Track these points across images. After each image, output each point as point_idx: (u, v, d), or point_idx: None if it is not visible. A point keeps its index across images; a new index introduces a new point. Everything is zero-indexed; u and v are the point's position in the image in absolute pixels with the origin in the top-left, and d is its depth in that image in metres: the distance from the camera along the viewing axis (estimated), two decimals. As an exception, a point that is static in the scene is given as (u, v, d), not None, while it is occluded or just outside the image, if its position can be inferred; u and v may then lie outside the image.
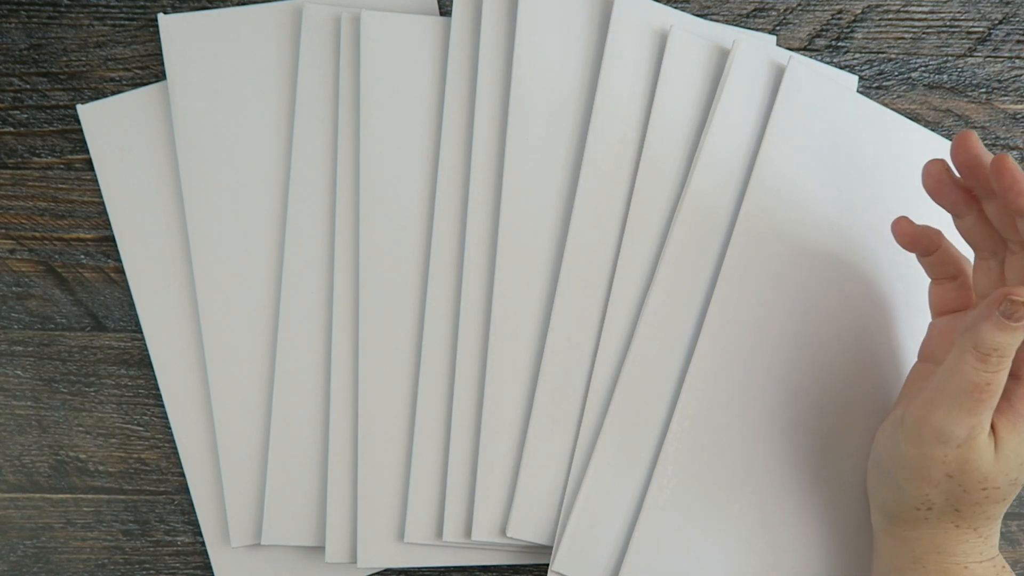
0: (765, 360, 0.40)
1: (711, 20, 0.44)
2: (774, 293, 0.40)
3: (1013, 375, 0.34)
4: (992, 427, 0.34)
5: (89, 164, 0.43)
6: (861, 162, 0.42)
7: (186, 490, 0.43)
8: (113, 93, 0.44)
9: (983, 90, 0.45)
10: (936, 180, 0.35)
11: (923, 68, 0.45)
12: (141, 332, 0.43)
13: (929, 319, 0.42)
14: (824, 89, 0.41)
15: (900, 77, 0.45)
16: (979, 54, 0.45)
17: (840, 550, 0.41)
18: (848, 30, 0.45)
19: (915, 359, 0.41)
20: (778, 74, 0.41)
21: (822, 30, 0.45)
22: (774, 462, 0.40)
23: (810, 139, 0.41)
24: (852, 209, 0.41)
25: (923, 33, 0.45)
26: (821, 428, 0.41)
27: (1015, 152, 0.45)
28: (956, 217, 0.36)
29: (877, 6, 0.45)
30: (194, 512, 0.43)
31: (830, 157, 0.41)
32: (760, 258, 0.40)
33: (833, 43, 0.45)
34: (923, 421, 0.34)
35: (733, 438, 0.40)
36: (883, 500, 0.37)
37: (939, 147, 0.44)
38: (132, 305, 0.43)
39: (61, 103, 0.44)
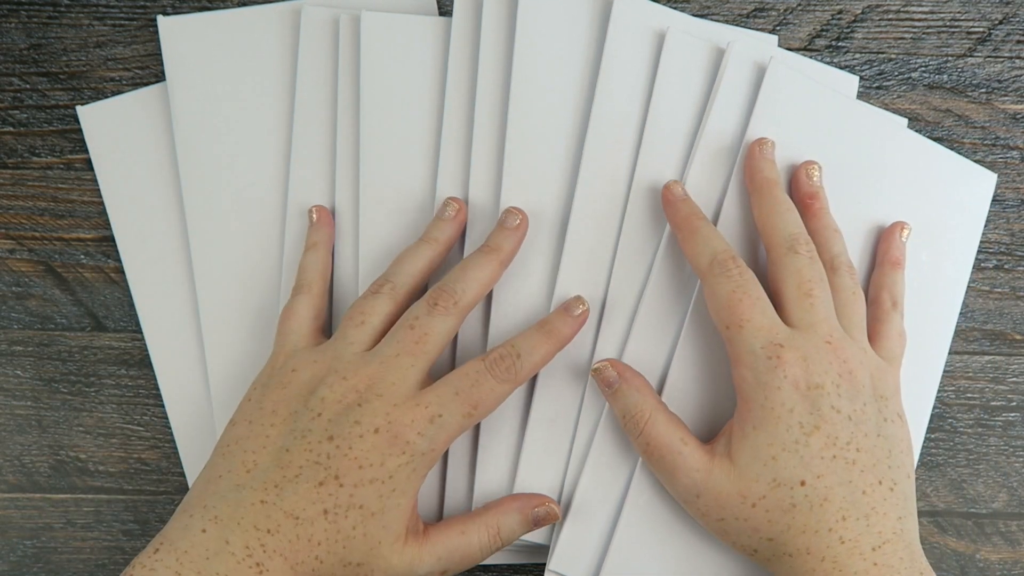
0: None
1: (711, 20, 0.44)
2: None
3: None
4: (729, 446, 0.35)
5: (89, 164, 0.43)
6: (847, 162, 0.42)
7: (186, 490, 0.43)
8: (113, 93, 0.44)
9: (983, 90, 0.45)
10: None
11: (923, 68, 0.45)
12: (141, 332, 0.43)
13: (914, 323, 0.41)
14: (808, 90, 0.41)
15: (900, 77, 0.45)
16: (979, 54, 0.45)
17: None
18: (848, 30, 0.45)
19: (903, 363, 0.41)
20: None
21: (822, 30, 0.45)
22: None
23: (793, 140, 0.41)
24: (838, 210, 0.41)
25: (923, 33, 0.45)
26: None
27: (1015, 152, 0.45)
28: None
29: (877, 6, 0.45)
30: (194, 512, 0.43)
31: (815, 157, 0.41)
32: (744, 257, 0.40)
33: (833, 43, 0.45)
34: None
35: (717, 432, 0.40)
36: None
37: (925, 148, 0.43)
38: (132, 305, 0.43)
39: (61, 103, 0.44)
